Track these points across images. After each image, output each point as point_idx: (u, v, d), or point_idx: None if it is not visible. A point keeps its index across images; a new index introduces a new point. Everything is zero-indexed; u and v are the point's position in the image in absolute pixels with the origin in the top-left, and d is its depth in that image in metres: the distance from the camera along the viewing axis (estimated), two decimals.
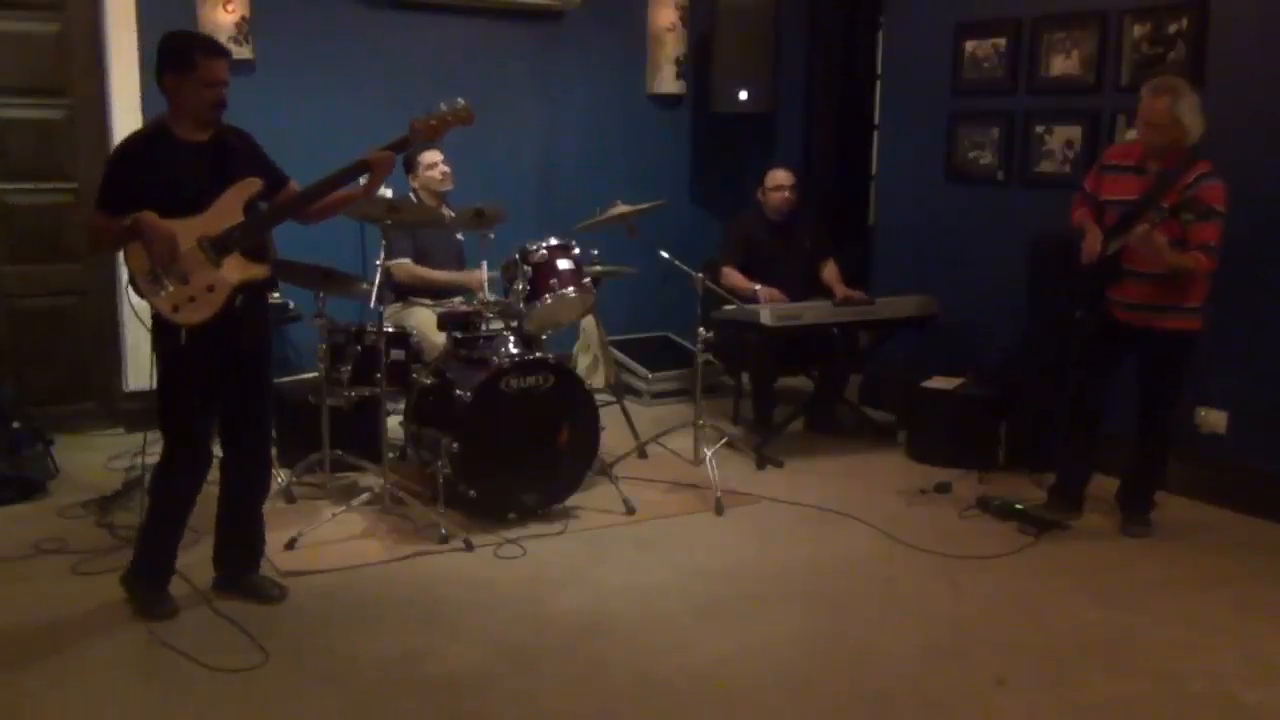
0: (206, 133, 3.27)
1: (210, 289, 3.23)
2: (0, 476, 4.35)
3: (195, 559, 3.63)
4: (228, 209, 3.26)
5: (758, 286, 5.25)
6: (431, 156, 5.03)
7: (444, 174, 5.05)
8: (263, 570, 3.63)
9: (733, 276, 5.38)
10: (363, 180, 3.49)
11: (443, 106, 3.58)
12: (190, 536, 3.64)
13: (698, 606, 3.58)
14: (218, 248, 3.23)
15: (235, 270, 3.27)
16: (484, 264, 4.60)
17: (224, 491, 3.56)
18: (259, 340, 3.50)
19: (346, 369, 4.32)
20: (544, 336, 4.60)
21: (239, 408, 3.47)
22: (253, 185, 3.32)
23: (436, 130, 3.57)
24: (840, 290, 5.35)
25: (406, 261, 4.95)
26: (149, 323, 3.31)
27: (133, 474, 4.52)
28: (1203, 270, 3.87)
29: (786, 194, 5.45)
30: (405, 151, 3.47)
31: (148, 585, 3.45)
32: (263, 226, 3.41)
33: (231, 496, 3.56)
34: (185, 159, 3.23)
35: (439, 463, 4.12)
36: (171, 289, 3.18)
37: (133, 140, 3.32)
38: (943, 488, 4.70)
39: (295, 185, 3.48)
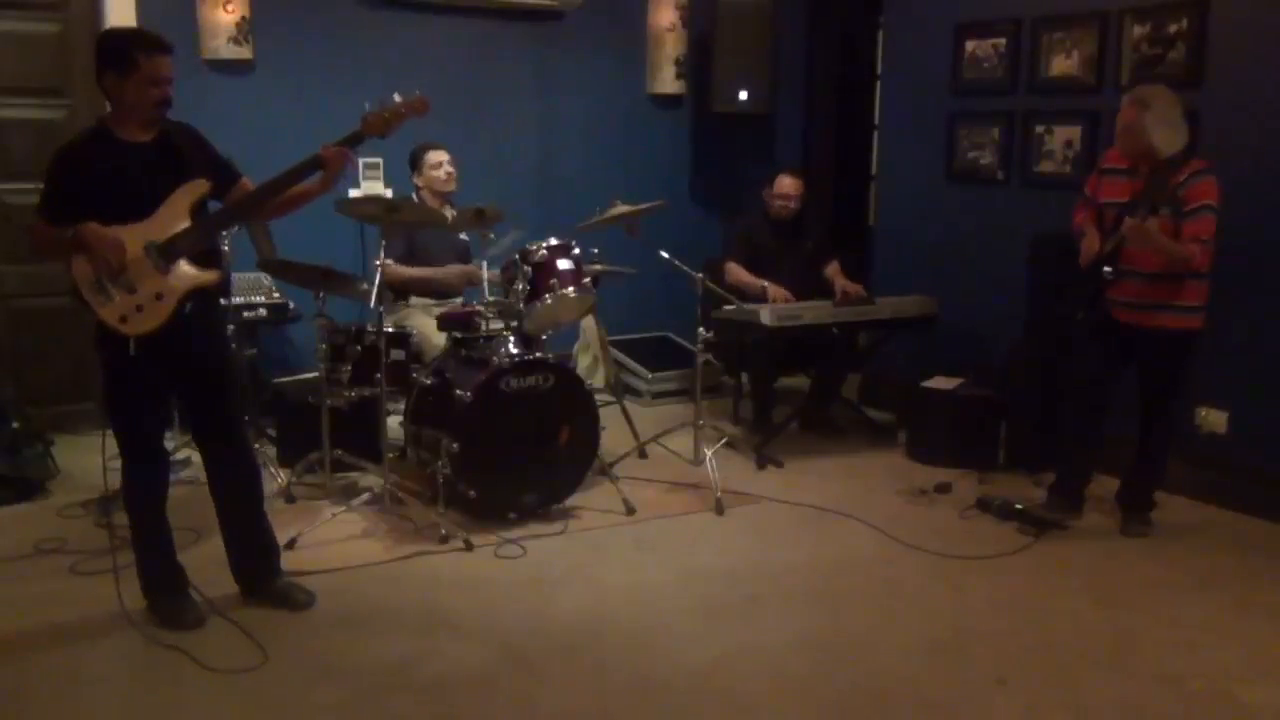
0: (150, 132, 3.15)
1: (159, 297, 3.12)
2: (0, 477, 4.35)
3: (195, 558, 3.60)
4: (175, 213, 3.14)
5: (765, 284, 5.24)
6: (437, 156, 4.98)
7: (449, 174, 4.98)
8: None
9: (738, 273, 5.37)
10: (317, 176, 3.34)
11: (396, 98, 3.45)
12: (190, 536, 3.65)
13: (698, 606, 3.58)
14: (165, 254, 3.12)
15: (184, 277, 3.15)
16: (484, 264, 4.60)
17: (216, 499, 3.46)
18: (212, 345, 3.39)
19: (346, 369, 4.33)
20: (544, 336, 4.59)
21: (203, 414, 3.38)
22: (200, 187, 3.20)
23: (389, 123, 3.42)
24: (840, 283, 5.32)
25: (390, 262, 4.87)
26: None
27: None
28: (1197, 261, 3.87)
29: (791, 205, 5.43)
30: (358, 145, 3.39)
31: (162, 596, 3.37)
32: (212, 230, 3.30)
33: (224, 503, 3.46)
34: (128, 161, 3.11)
35: (439, 463, 4.12)
36: (118, 299, 3.08)
37: (72, 144, 3.15)
38: (943, 488, 4.70)
39: (248, 183, 3.37)
